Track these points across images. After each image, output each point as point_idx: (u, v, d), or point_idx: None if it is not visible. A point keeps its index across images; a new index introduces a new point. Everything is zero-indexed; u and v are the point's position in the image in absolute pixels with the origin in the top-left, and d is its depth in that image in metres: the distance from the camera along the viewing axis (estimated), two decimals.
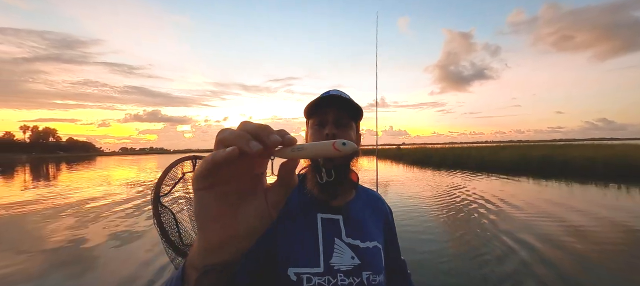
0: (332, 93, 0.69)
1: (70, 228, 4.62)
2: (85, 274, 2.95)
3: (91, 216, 5.51)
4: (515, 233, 3.95)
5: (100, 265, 3.17)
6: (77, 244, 3.85)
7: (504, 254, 3.24)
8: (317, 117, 0.68)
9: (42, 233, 4.46)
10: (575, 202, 5.89)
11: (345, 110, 0.67)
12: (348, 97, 0.70)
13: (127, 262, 3.19)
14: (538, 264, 2.96)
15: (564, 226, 4.22)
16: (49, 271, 3.03)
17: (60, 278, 2.89)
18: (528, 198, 6.39)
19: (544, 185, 8.31)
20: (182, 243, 1.30)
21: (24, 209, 6.29)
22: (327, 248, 0.62)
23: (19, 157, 56.46)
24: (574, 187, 8.00)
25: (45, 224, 4.98)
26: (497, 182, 9.21)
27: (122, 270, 2.99)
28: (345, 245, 0.63)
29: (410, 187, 8.48)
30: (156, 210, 1.26)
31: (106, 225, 4.77)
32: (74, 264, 3.20)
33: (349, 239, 0.64)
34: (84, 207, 6.45)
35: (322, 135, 0.65)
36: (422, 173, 12.42)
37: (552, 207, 5.46)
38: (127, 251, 3.57)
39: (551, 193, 7.14)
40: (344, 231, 0.65)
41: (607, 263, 2.98)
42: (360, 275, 0.61)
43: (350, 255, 0.63)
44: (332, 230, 0.64)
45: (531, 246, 3.45)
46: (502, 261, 3.06)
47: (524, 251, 3.28)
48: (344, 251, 0.63)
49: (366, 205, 0.74)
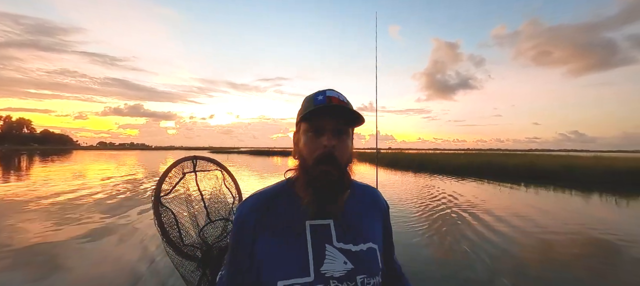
0: (330, 95, 0.64)
1: (43, 226, 4.41)
2: (54, 275, 2.82)
3: (64, 212, 5.28)
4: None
5: (71, 265, 3.04)
6: (48, 242, 3.68)
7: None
8: (313, 123, 0.62)
9: (14, 229, 4.24)
10: (479, 191, 9.03)
11: (345, 118, 0.63)
12: (346, 100, 0.66)
13: (102, 262, 3.08)
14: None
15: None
16: (13, 271, 2.87)
17: (25, 278, 2.74)
18: (455, 188, 9.62)
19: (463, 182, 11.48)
20: (183, 242, 1.29)
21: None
22: (318, 255, 0.59)
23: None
24: (487, 183, 11.29)
25: (17, 220, 4.73)
26: (437, 179, 12.20)
27: (93, 271, 2.89)
28: (337, 250, 0.61)
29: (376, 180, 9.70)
30: (157, 210, 1.25)
31: (80, 223, 4.60)
32: (43, 264, 3.05)
33: (340, 244, 0.61)
34: (57, 202, 6.17)
35: (319, 145, 0.60)
36: (390, 173, 14.89)
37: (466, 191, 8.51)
38: (100, 249, 3.47)
39: (471, 185, 10.43)
40: (334, 236, 0.62)
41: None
42: (354, 279, 0.59)
43: (343, 260, 0.60)
44: (322, 236, 0.61)
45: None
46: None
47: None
48: (335, 257, 0.60)
49: (360, 203, 0.69)
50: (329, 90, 0.66)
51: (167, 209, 1.28)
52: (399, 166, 19.62)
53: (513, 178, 12.28)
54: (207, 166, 1.46)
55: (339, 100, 0.64)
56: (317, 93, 0.66)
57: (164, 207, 1.28)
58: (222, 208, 1.44)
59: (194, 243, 1.32)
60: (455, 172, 15.20)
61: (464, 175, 14.13)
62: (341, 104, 0.63)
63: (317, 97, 0.64)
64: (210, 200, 1.43)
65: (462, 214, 5.61)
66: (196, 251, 1.31)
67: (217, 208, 1.43)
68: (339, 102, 0.64)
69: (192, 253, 1.30)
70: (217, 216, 1.42)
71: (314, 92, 0.67)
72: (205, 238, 1.36)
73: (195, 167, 1.41)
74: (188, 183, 1.39)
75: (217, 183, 1.47)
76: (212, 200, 1.43)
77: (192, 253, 1.30)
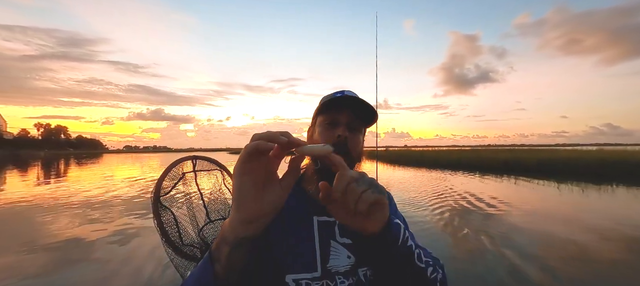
0: (348, 94, 0.67)
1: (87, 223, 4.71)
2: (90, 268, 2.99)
3: (103, 210, 5.62)
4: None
5: (105, 260, 3.21)
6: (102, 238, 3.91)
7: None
8: (329, 115, 0.65)
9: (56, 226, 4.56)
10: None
11: (361, 113, 0.65)
12: (364, 100, 0.67)
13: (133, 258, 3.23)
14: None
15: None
16: (56, 267, 3.08)
17: (70, 273, 2.93)
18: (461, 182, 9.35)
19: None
20: (182, 242, 1.30)
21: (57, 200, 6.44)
22: (324, 251, 0.61)
23: (38, 153, 61.21)
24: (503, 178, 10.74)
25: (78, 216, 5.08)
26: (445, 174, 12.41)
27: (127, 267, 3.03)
28: (340, 245, 0.62)
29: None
30: (156, 210, 1.26)
31: (116, 221, 4.86)
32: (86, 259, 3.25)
33: (343, 239, 0.63)
34: (95, 202, 6.58)
35: (332, 136, 0.63)
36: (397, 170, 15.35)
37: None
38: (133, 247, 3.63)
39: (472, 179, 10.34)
40: (338, 232, 0.64)
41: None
42: (356, 273, 0.61)
43: (347, 254, 0.62)
44: (327, 233, 0.63)
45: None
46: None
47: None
48: (340, 253, 0.62)
49: None
50: (348, 91, 0.70)
51: (167, 209, 1.29)
52: (403, 163, 20.39)
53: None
54: (207, 166, 1.46)
55: (354, 96, 0.66)
56: (335, 92, 0.69)
57: (164, 207, 1.28)
58: (222, 208, 1.44)
59: (193, 243, 1.33)
60: (469, 167, 15.26)
61: (480, 170, 13.93)
62: (358, 98, 0.65)
63: (335, 94, 0.67)
64: (210, 200, 1.43)
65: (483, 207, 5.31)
66: (195, 251, 1.31)
67: (217, 208, 1.43)
68: (355, 96, 0.66)
69: (192, 253, 1.30)
70: (217, 216, 1.41)
71: (333, 92, 0.71)
72: (204, 238, 1.36)
73: (195, 167, 1.42)
74: (188, 183, 1.39)
75: (216, 183, 1.46)
76: (212, 200, 1.43)
77: (191, 253, 1.30)
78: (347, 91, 0.69)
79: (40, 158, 38.93)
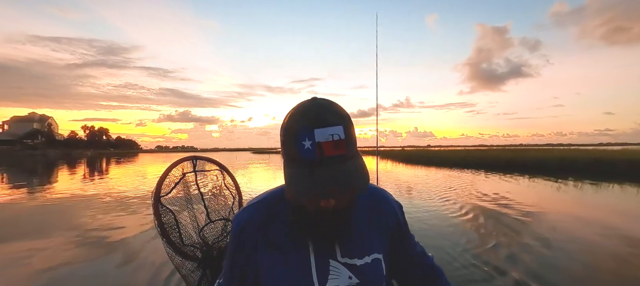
0: (320, 140, 0.45)
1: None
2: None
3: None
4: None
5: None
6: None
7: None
8: (304, 184, 0.46)
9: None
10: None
11: (346, 182, 0.46)
12: (341, 124, 0.46)
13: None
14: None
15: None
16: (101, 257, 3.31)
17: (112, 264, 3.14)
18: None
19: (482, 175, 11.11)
20: (183, 243, 1.30)
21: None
22: (322, 271, 0.56)
23: (86, 153, 71.20)
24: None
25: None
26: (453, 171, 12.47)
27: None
28: (342, 265, 0.58)
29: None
30: (157, 210, 1.28)
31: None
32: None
33: (345, 259, 0.58)
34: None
35: (315, 204, 0.49)
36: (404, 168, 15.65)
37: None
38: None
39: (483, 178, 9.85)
40: (339, 251, 0.58)
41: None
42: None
43: (348, 274, 0.57)
44: (325, 252, 0.58)
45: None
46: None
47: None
48: (340, 273, 0.57)
49: (367, 211, 0.64)
50: (317, 117, 0.46)
51: (167, 209, 1.30)
52: (413, 162, 20.40)
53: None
54: (207, 166, 1.45)
55: (333, 147, 0.45)
56: (300, 129, 0.46)
57: (164, 208, 1.30)
58: (222, 208, 1.43)
59: (194, 243, 1.33)
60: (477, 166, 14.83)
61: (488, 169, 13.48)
62: (339, 153, 0.45)
63: (301, 141, 0.45)
64: (210, 200, 1.42)
65: None
66: (196, 252, 1.32)
67: (217, 208, 1.42)
68: (334, 149, 0.45)
69: (192, 254, 1.30)
70: (217, 216, 1.40)
71: (295, 118, 0.48)
72: (205, 238, 1.36)
73: (195, 167, 1.42)
74: (188, 184, 1.39)
75: (216, 183, 1.45)
76: (212, 200, 1.43)
77: (192, 253, 1.30)
78: (317, 120, 0.45)
79: (87, 157, 43.21)
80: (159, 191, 1.30)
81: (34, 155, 51.16)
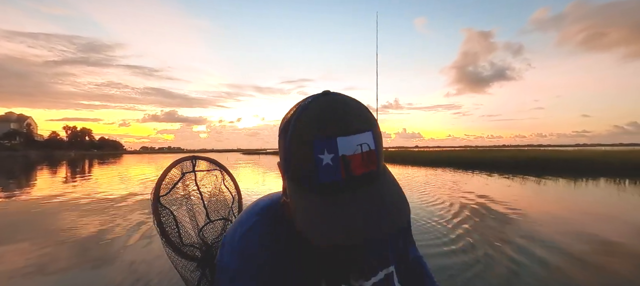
0: (346, 153, 0.33)
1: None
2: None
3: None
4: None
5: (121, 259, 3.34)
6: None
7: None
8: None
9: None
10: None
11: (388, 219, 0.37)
12: (371, 131, 0.35)
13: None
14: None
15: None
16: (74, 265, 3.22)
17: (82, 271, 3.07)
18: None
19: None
20: (182, 243, 1.30)
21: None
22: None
23: (68, 154, 68.89)
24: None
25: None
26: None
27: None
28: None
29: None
30: (156, 210, 1.27)
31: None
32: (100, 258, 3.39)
33: (360, 281, 0.54)
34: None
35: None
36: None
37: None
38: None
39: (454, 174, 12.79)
40: (351, 275, 0.55)
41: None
42: None
43: None
44: (337, 275, 0.53)
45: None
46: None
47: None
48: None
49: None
50: (340, 121, 0.34)
51: (166, 209, 1.29)
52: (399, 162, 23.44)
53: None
54: (206, 166, 1.45)
55: (362, 162, 0.34)
56: (315, 136, 0.34)
57: (163, 207, 1.29)
58: (222, 208, 1.43)
59: (193, 243, 1.32)
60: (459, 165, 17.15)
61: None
62: (370, 170, 0.35)
63: (317, 154, 0.33)
64: (210, 200, 1.42)
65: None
66: (196, 251, 1.31)
67: (217, 208, 1.42)
68: (363, 165, 0.34)
69: (192, 253, 1.30)
70: (217, 216, 1.41)
71: (306, 121, 0.35)
72: (204, 238, 1.35)
73: (194, 167, 1.41)
74: (187, 184, 1.39)
75: (216, 183, 1.46)
76: (212, 200, 1.43)
77: (191, 253, 1.30)
78: (335, 95, 0.37)
79: (71, 158, 41.63)
80: (158, 191, 1.29)
81: (15, 156, 49.18)
